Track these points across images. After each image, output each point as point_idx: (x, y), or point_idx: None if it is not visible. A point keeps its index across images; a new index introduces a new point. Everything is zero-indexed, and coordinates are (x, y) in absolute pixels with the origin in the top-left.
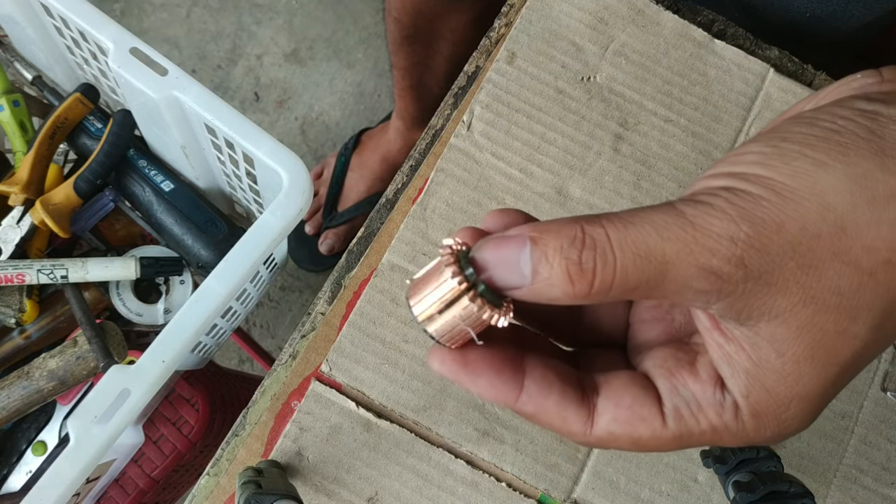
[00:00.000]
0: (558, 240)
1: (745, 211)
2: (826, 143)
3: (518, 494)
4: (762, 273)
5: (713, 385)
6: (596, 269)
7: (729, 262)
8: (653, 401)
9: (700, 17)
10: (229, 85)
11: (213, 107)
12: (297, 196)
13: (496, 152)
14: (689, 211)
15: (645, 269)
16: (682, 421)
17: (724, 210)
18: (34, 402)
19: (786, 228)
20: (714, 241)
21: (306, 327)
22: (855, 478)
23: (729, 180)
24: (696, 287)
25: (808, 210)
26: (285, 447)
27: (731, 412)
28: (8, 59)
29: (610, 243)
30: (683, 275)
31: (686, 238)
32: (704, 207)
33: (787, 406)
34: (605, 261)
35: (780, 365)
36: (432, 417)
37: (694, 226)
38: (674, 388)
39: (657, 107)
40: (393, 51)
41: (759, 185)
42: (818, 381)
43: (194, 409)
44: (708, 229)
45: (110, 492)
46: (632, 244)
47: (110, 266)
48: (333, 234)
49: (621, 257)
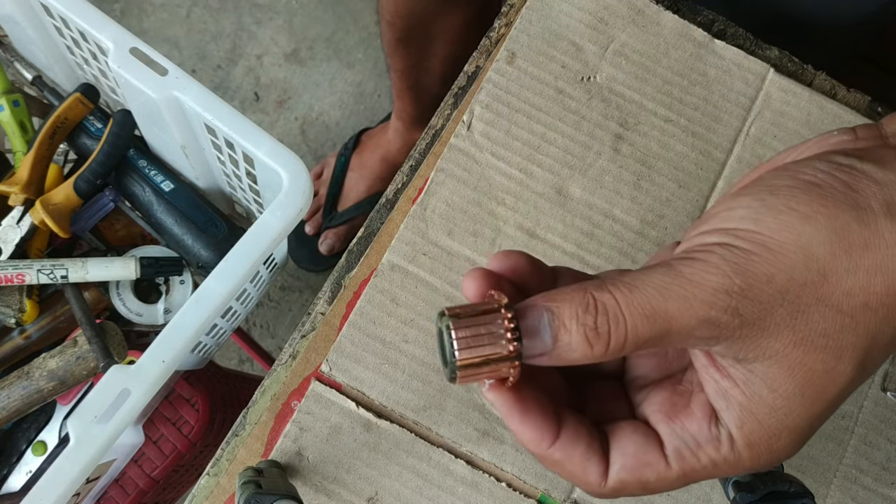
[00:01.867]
0: (572, 307)
1: (737, 266)
2: (808, 195)
3: (518, 494)
4: (755, 320)
5: (708, 421)
6: (610, 332)
7: (725, 312)
8: (655, 446)
9: (700, 17)
10: (229, 85)
11: (213, 107)
12: (297, 196)
13: (496, 152)
14: (687, 270)
15: (652, 327)
16: (685, 461)
17: (719, 266)
18: (34, 402)
19: (775, 279)
20: (711, 295)
21: (306, 327)
22: (855, 478)
23: (721, 236)
24: (698, 335)
25: (794, 261)
26: (285, 447)
27: (727, 444)
28: (8, 59)
29: (619, 308)
30: (686, 326)
31: (686, 295)
32: (700, 264)
33: (779, 437)
34: (618, 324)
35: (772, 400)
36: (432, 417)
37: (692, 283)
38: (673, 432)
39: (657, 107)
40: (388, 53)
41: (750, 240)
42: (807, 416)
43: (194, 409)
44: (705, 285)
45: (110, 492)
46: (638, 307)
47: (110, 266)
48: (333, 233)
49: (630, 320)
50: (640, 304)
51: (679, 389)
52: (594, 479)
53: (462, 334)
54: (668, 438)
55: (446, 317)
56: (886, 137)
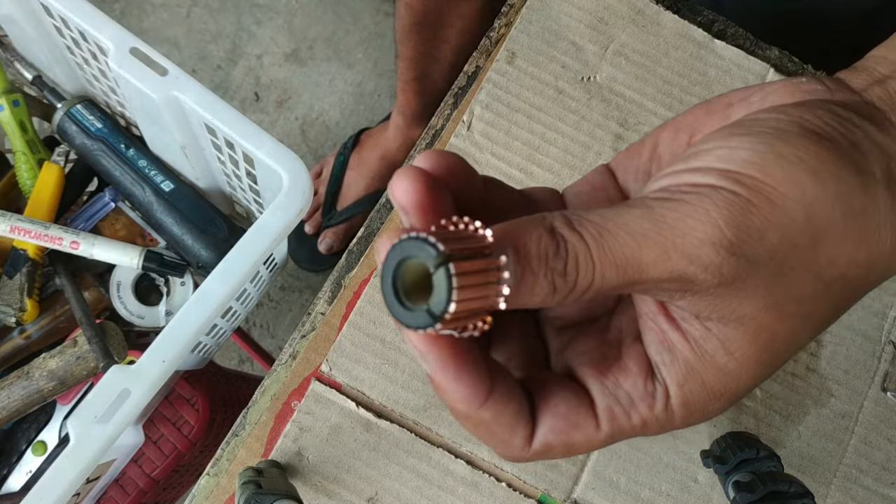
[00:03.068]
0: (540, 248)
1: (731, 216)
2: (816, 147)
3: (518, 494)
4: (735, 280)
5: (643, 377)
6: (577, 280)
7: (706, 270)
8: (587, 406)
9: (700, 17)
10: (229, 85)
11: (213, 107)
12: (297, 196)
13: (496, 152)
14: (670, 214)
15: (621, 277)
16: (615, 420)
17: (709, 213)
18: (34, 402)
19: (767, 237)
20: (695, 247)
21: (306, 327)
22: (855, 478)
23: (719, 178)
24: (666, 288)
25: (793, 220)
26: (285, 447)
27: (661, 403)
28: (8, 59)
29: (590, 253)
30: (657, 278)
31: (665, 244)
32: (687, 209)
33: (718, 399)
34: (586, 271)
35: (725, 363)
36: (432, 417)
37: (674, 231)
38: (605, 390)
39: (657, 107)
40: (400, 39)
41: (752, 188)
42: (754, 381)
43: (194, 409)
44: (689, 235)
45: (110, 492)
46: (610, 254)
47: (116, 248)
48: (332, 232)
49: (600, 267)
50: (612, 252)
51: (607, 338)
52: (519, 442)
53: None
54: (599, 397)
55: (440, 253)
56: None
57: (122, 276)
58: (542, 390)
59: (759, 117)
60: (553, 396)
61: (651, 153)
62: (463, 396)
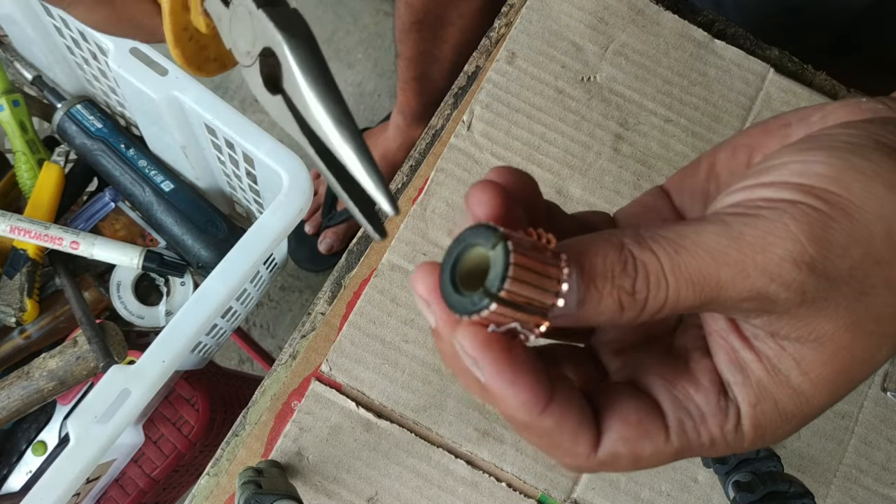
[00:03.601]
0: (606, 265)
1: (812, 232)
2: (893, 161)
3: (518, 494)
4: (817, 298)
5: (716, 393)
6: (648, 298)
7: (788, 289)
8: (657, 416)
9: (700, 17)
10: (229, 85)
11: (213, 107)
12: (297, 196)
13: (496, 152)
14: (749, 231)
15: (697, 296)
16: (685, 435)
17: (790, 228)
18: (34, 402)
19: (850, 253)
20: (775, 265)
21: (306, 327)
22: (855, 478)
23: (795, 193)
24: (744, 307)
25: (874, 235)
26: (285, 447)
27: (732, 422)
28: (8, 59)
29: (663, 271)
30: (736, 298)
31: (744, 261)
32: (766, 224)
33: (790, 421)
34: (659, 289)
35: (800, 384)
36: (432, 417)
37: (754, 248)
38: (676, 400)
39: (657, 107)
40: (400, 38)
41: (830, 203)
42: (828, 403)
43: (194, 409)
44: (770, 252)
45: (110, 492)
46: (685, 271)
47: (116, 248)
48: (332, 233)
49: (674, 285)
50: (689, 269)
51: (673, 352)
52: (584, 450)
53: (521, 263)
54: (669, 408)
55: (501, 236)
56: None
57: (122, 276)
58: (608, 398)
59: (830, 132)
60: (622, 404)
61: (708, 173)
62: (522, 402)
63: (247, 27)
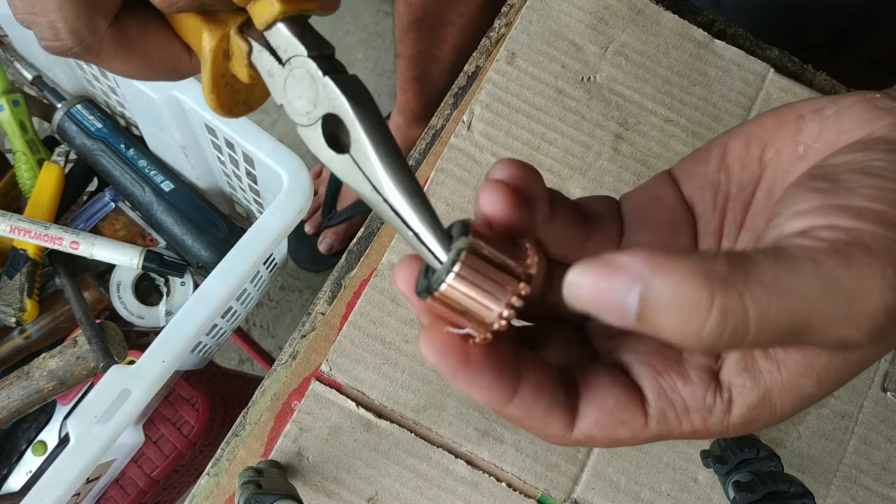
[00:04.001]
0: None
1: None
2: None
3: (518, 494)
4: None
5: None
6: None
7: (870, 336)
8: (636, 403)
9: (700, 17)
10: None
11: None
12: (297, 196)
13: (496, 152)
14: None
15: (776, 340)
16: (667, 423)
17: (885, 272)
18: (34, 402)
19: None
20: (868, 316)
21: (306, 327)
22: (855, 478)
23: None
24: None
25: None
26: (285, 447)
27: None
28: (8, 59)
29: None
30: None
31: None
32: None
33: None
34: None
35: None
36: (432, 417)
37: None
38: (661, 391)
39: (657, 107)
40: (399, 38)
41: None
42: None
43: (194, 409)
44: (865, 301)
45: (110, 492)
46: (775, 317)
47: (116, 248)
48: (332, 232)
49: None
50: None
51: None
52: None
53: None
54: (653, 397)
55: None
56: None
57: (122, 276)
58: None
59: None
60: (601, 389)
61: (719, 163)
62: (483, 399)
63: (307, 89)
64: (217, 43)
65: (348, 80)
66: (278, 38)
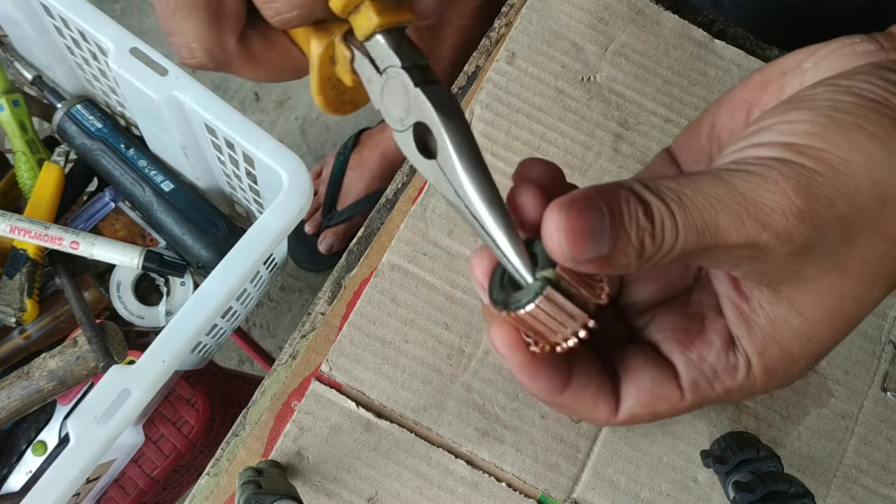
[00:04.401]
0: (629, 210)
1: (799, 185)
2: (876, 115)
3: (518, 494)
4: (805, 245)
5: (726, 350)
6: (664, 241)
7: (778, 238)
8: (671, 378)
9: (700, 17)
10: (229, 85)
11: (213, 107)
12: (298, 196)
13: (496, 152)
14: (741, 184)
15: (700, 241)
16: (700, 391)
17: (778, 183)
18: (34, 402)
19: (836, 204)
20: (766, 215)
21: (306, 327)
22: (855, 478)
23: (782, 151)
24: (737, 255)
25: (859, 185)
26: (285, 447)
27: (743, 371)
28: (8, 59)
29: (672, 215)
30: (731, 244)
31: (739, 210)
32: (757, 179)
33: (797, 362)
34: (671, 233)
35: (798, 325)
36: (432, 417)
37: (746, 199)
38: (690, 363)
39: (657, 107)
40: None
41: (815, 158)
42: (829, 342)
43: (194, 409)
44: (761, 203)
45: (110, 492)
46: (690, 216)
47: (116, 248)
48: (332, 232)
49: (683, 230)
50: (692, 214)
51: (689, 313)
52: (604, 415)
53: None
54: (684, 370)
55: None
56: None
57: (122, 276)
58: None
59: (812, 92)
60: (638, 371)
61: (709, 134)
62: (539, 391)
63: (400, 98)
64: (324, 50)
65: (438, 91)
66: (376, 48)
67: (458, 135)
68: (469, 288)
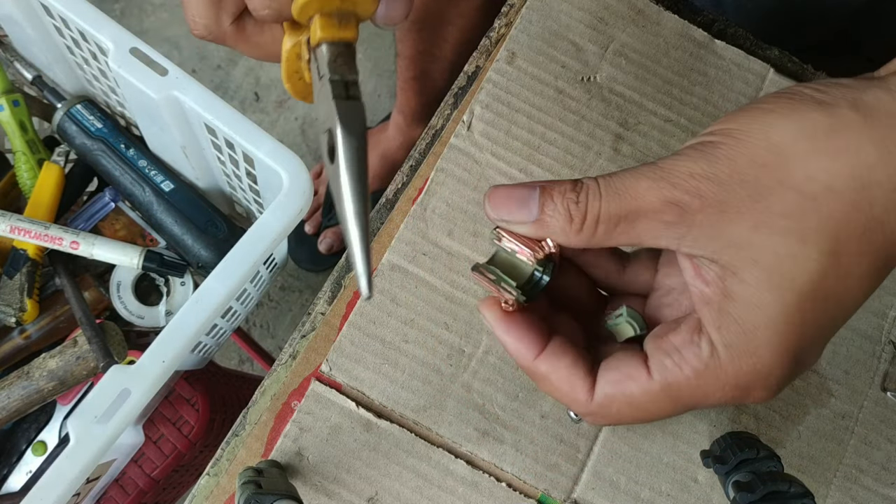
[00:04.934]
0: (561, 186)
1: (703, 152)
2: (782, 99)
3: (518, 494)
4: (716, 201)
5: (691, 333)
6: (588, 206)
7: (688, 193)
8: (639, 359)
9: (700, 17)
10: (229, 85)
11: (213, 107)
12: (298, 196)
13: (496, 152)
14: (661, 162)
15: (622, 204)
16: (666, 370)
17: (689, 155)
18: (34, 402)
19: (736, 162)
20: (676, 177)
21: (306, 327)
22: (855, 478)
23: (699, 137)
24: (664, 219)
25: (756, 146)
26: (285, 447)
27: (707, 349)
28: (8, 59)
29: (598, 187)
30: (653, 208)
31: (655, 177)
32: (674, 156)
33: (755, 333)
34: (594, 200)
35: (743, 291)
36: (432, 417)
37: (662, 168)
38: (657, 347)
39: (657, 107)
40: (400, 38)
41: (720, 134)
42: (779, 307)
43: (194, 409)
44: (673, 170)
45: (110, 492)
46: (612, 185)
47: (116, 248)
48: (332, 232)
49: (606, 197)
50: (615, 185)
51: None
52: (581, 395)
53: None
54: (651, 352)
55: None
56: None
57: (122, 276)
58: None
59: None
60: (613, 357)
61: None
62: (514, 349)
63: (324, 104)
64: (292, 46)
65: (351, 108)
66: (320, 56)
67: (351, 151)
68: (469, 288)
